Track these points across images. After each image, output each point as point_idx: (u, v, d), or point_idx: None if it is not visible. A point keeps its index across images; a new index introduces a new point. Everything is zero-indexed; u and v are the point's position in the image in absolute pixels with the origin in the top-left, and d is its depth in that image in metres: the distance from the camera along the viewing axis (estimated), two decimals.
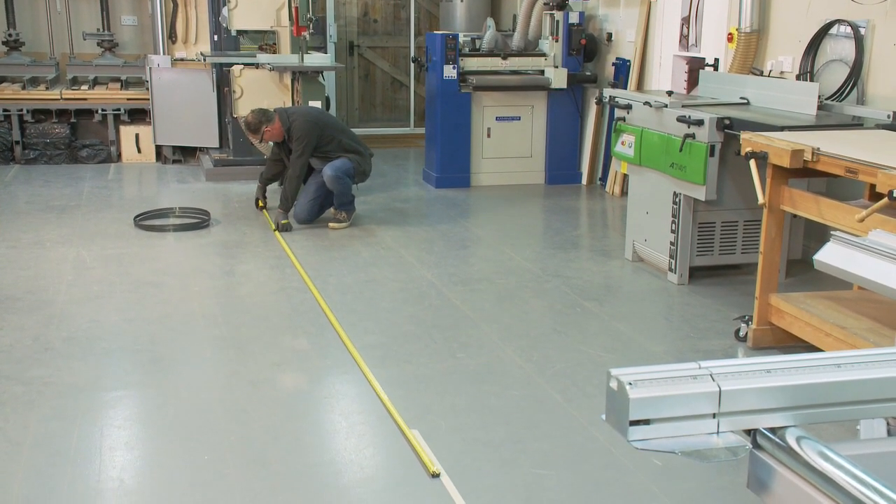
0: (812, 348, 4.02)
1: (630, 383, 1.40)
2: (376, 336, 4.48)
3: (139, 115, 9.27)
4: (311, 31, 7.91)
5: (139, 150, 9.28)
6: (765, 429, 1.45)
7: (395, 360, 4.17)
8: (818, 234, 5.42)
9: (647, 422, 1.41)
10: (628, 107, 5.65)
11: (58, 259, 5.75)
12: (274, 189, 7.56)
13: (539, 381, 3.95)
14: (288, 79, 7.85)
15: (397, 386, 3.86)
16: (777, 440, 1.43)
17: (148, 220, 6.74)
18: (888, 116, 4.72)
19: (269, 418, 3.57)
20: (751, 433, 1.47)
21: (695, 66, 6.45)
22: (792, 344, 4.29)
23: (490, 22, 8.65)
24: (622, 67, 7.93)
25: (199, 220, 6.70)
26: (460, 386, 3.89)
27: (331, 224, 6.62)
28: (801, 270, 5.47)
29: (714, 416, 1.44)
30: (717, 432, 1.44)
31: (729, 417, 1.44)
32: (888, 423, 1.80)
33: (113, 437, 3.40)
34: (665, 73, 7.29)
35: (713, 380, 1.44)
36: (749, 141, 4.21)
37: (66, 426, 3.47)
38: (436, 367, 4.11)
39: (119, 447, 3.33)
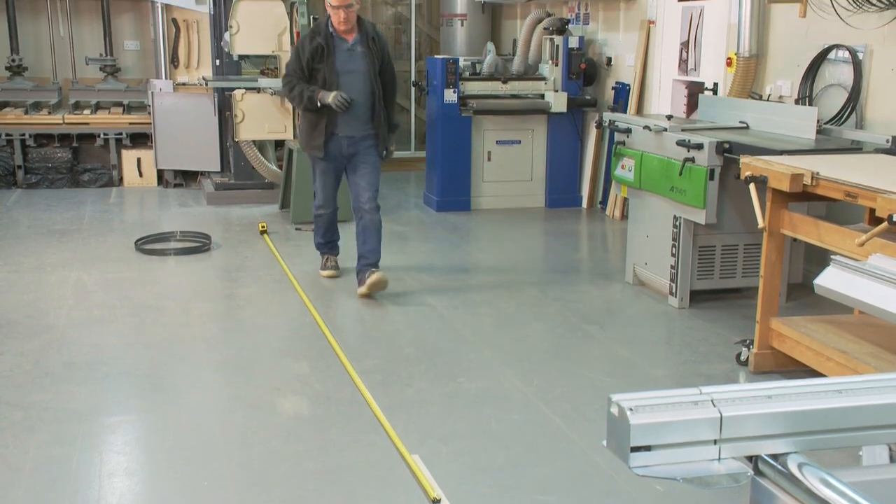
0: (813, 373, 4.02)
1: (631, 409, 1.40)
2: (377, 360, 4.47)
3: (141, 139, 9.30)
4: None
5: (141, 174, 9.31)
6: (766, 455, 1.45)
7: (395, 385, 4.16)
8: (818, 258, 5.42)
9: (648, 448, 1.40)
10: (628, 131, 5.67)
11: (58, 283, 5.75)
12: (273, 214, 7.56)
13: (540, 405, 3.94)
14: (289, 103, 7.88)
15: (398, 410, 3.85)
16: (779, 467, 1.42)
17: (149, 244, 6.75)
18: (887, 141, 4.73)
19: (270, 443, 3.56)
20: (752, 459, 1.46)
21: (694, 91, 6.48)
22: (793, 368, 4.28)
23: (490, 46, 8.70)
24: (622, 91, 7.97)
25: (199, 244, 6.71)
26: (461, 410, 3.88)
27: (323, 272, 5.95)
28: (802, 294, 5.47)
29: (715, 442, 1.43)
30: (719, 458, 1.43)
31: (730, 443, 1.44)
32: (890, 450, 1.79)
33: (112, 463, 3.39)
34: (664, 98, 7.33)
35: (714, 405, 1.44)
36: (749, 165, 4.23)
37: (65, 451, 3.45)
38: (436, 391, 4.10)
39: (119, 472, 3.32)
